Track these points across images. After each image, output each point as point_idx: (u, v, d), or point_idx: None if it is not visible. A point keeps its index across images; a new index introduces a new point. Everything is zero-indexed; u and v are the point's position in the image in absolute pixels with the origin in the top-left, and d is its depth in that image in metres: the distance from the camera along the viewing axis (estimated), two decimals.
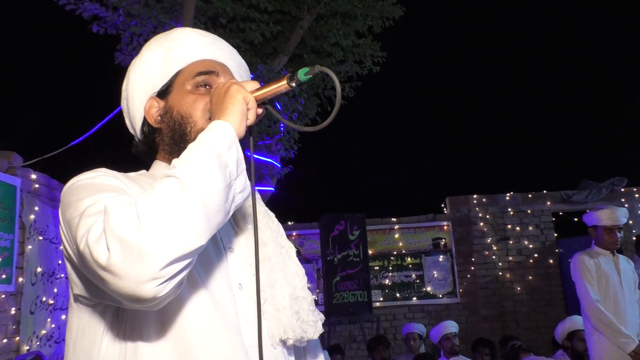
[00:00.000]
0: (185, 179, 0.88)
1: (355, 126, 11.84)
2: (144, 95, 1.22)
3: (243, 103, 1.02)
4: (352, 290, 7.06)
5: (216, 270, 1.07)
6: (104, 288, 0.87)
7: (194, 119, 1.14)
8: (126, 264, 0.81)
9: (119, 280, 0.82)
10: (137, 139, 1.26)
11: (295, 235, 7.85)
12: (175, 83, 1.19)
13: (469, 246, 7.87)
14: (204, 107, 1.14)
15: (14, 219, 4.36)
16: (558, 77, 12.86)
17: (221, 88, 1.06)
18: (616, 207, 4.00)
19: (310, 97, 6.71)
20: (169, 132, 1.17)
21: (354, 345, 7.56)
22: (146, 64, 1.22)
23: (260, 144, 6.53)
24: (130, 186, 1.03)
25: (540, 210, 8.01)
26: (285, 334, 1.10)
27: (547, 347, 5.56)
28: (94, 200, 0.93)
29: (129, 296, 0.84)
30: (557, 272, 7.84)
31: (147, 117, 1.21)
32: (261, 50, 6.44)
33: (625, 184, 8.01)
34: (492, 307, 7.69)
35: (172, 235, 0.83)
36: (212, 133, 0.96)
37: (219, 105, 1.03)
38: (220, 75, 1.19)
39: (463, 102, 12.99)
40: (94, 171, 1.04)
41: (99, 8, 5.38)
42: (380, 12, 6.61)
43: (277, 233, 1.24)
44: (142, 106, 1.22)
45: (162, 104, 1.19)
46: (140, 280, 0.82)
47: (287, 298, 1.13)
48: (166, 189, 0.87)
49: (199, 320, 0.99)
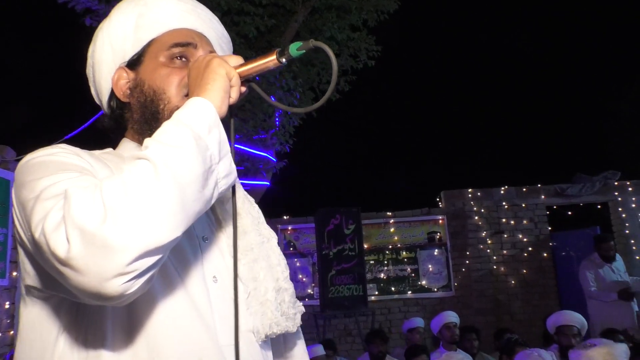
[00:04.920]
0: (159, 162, 0.78)
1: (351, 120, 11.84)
2: (112, 64, 1.09)
3: (226, 79, 0.91)
4: (348, 284, 7.07)
5: (188, 262, 0.96)
6: (63, 283, 0.77)
7: (168, 95, 1.02)
8: (88, 258, 0.71)
9: (80, 276, 0.73)
10: (105, 115, 1.14)
11: (290, 229, 7.85)
12: (147, 53, 1.07)
13: (464, 240, 7.90)
14: (179, 82, 1.03)
15: (7, 213, 4.34)
16: (552, 71, 12.90)
17: (201, 61, 0.94)
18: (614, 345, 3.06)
19: (305, 91, 6.69)
20: (139, 109, 1.05)
21: (349, 339, 7.59)
22: (116, 30, 1.09)
23: (256, 138, 6.52)
24: (95, 165, 0.93)
25: (534, 204, 8.05)
26: (270, 329, 1.02)
27: (540, 340, 5.60)
28: (53, 181, 0.82)
29: (91, 294, 0.75)
30: (551, 266, 7.89)
31: (114, 90, 1.08)
32: (256, 44, 6.41)
33: (618, 178, 8.05)
34: (487, 300, 7.73)
35: (142, 227, 0.73)
36: (191, 111, 0.85)
37: (198, 80, 0.92)
38: (198, 47, 1.07)
39: (458, 97, 13.00)
40: (54, 147, 0.92)
41: (91, 1, 5.33)
42: (375, 6, 6.59)
43: (258, 221, 1.13)
44: (109, 76, 1.09)
45: (132, 76, 1.07)
46: (104, 276, 0.72)
47: (272, 291, 1.04)
48: (136, 173, 0.77)
49: (171, 321, 0.89)
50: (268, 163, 6.70)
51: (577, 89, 12.41)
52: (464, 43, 12.74)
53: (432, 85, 12.63)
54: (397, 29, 7.93)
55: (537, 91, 12.96)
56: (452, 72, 12.97)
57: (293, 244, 7.83)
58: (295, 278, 7.68)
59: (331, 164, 12.02)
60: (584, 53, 12.38)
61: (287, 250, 7.76)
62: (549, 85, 12.86)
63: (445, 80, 12.86)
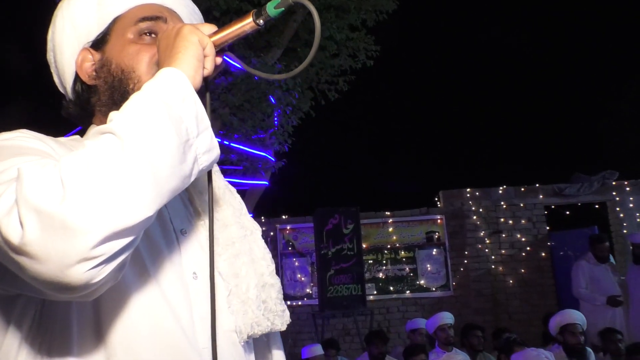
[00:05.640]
0: (125, 135, 0.69)
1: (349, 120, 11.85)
2: (75, 46, 1.00)
3: (198, 46, 0.82)
4: (346, 283, 7.08)
5: (165, 258, 0.88)
6: (21, 275, 0.69)
7: (138, 73, 0.94)
8: (46, 243, 0.63)
9: (38, 264, 0.64)
10: (69, 98, 1.04)
11: (289, 229, 7.86)
12: (113, 31, 0.98)
13: (462, 239, 7.91)
14: (149, 59, 0.94)
15: None
16: (551, 71, 12.92)
17: (171, 31, 0.86)
18: None
19: (304, 91, 6.70)
20: (106, 90, 0.96)
21: (347, 339, 7.60)
22: (77, 8, 1.00)
23: (254, 138, 6.53)
24: (59, 150, 0.85)
25: (532, 204, 8.06)
26: (252, 329, 0.94)
27: (539, 340, 5.61)
28: (7, 166, 0.73)
29: (52, 284, 0.66)
30: (549, 265, 7.91)
31: (79, 73, 0.99)
32: (255, 43, 6.41)
33: (616, 177, 8.07)
34: (485, 300, 7.75)
35: (107, 204, 0.65)
36: (160, 81, 0.77)
37: (168, 50, 0.83)
38: (168, 21, 0.98)
39: (457, 96, 13.02)
40: (14, 132, 0.85)
41: None
42: (373, 6, 6.60)
43: (240, 212, 1.04)
44: (73, 59, 1.00)
45: (97, 57, 0.98)
46: (65, 262, 0.64)
47: (254, 288, 0.96)
48: (99, 147, 0.68)
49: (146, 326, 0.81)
50: (267, 162, 6.70)
51: (575, 89, 12.44)
52: (463, 43, 12.76)
53: (430, 85, 12.64)
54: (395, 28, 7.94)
55: (536, 91, 12.98)
56: (451, 71, 12.99)
57: (292, 244, 7.83)
58: (294, 278, 7.69)
59: (330, 164, 12.03)
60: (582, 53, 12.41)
61: (286, 250, 7.77)
62: (547, 85, 12.89)
63: (444, 80, 12.87)
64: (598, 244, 5.88)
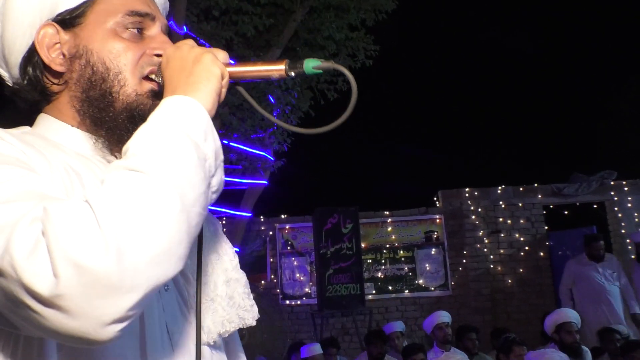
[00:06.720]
0: (164, 180, 0.64)
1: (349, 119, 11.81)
2: (36, 16, 0.85)
3: (220, 80, 0.78)
4: (345, 283, 7.08)
5: None
6: (33, 324, 0.61)
7: (125, 75, 0.84)
8: (84, 299, 0.57)
9: (68, 319, 0.58)
10: (10, 78, 0.90)
11: (288, 228, 7.86)
12: (91, 12, 0.85)
13: (461, 239, 7.92)
14: (137, 61, 0.85)
15: None
16: (550, 71, 12.93)
17: (187, 52, 0.79)
18: None
19: (303, 91, 6.70)
20: (82, 84, 0.85)
21: (346, 338, 7.60)
22: None
23: (254, 137, 6.53)
24: (28, 152, 0.75)
25: (531, 204, 8.07)
26: (223, 327, 0.87)
27: (538, 339, 5.62)
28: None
29: (75, 339, 0.60)
30: (548, 265, 7.92)
31: (39, 51, 0.85)
32: (254, 43, 6.41)
33: (614, 177, 8.08)
34: (484, 299, 7.76)
35: (152, 261, 0.60)
36: (184, 114, 0.70)
37: (184, 75, 0.77)
38: (156, 20, 0.89)
39: (456, 96, 13.03)
40: None
41: None
42: (373, 5, 6.60)
43: None
44: (29, 31, 0.85)
45: (66, 38, 0.85)
46: (101, 321, 0.58)
47: (222, 285, 0.90)
48: (137, 194, 0.62)
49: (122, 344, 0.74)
50: (266, 162, 6.71)
51: (574, 89, 12.45)
52: (462, 43, 12.77)
53: (430, 85, 12.64)
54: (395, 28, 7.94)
55: (535, 91, 12.99)
56: (450, 71, 12.99)
57: (291, 243, 7.83)
58: (292, 277, 7.69)
59: (329, 163, 12.04)
60: (581, 53, 12.42)
61: (285, 249, 7.77)
62: (546, 85, 12.90)
63: (443, 80, 12.87)
64: (592, 243, 5.91)
